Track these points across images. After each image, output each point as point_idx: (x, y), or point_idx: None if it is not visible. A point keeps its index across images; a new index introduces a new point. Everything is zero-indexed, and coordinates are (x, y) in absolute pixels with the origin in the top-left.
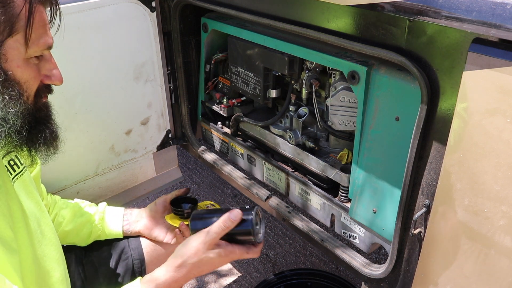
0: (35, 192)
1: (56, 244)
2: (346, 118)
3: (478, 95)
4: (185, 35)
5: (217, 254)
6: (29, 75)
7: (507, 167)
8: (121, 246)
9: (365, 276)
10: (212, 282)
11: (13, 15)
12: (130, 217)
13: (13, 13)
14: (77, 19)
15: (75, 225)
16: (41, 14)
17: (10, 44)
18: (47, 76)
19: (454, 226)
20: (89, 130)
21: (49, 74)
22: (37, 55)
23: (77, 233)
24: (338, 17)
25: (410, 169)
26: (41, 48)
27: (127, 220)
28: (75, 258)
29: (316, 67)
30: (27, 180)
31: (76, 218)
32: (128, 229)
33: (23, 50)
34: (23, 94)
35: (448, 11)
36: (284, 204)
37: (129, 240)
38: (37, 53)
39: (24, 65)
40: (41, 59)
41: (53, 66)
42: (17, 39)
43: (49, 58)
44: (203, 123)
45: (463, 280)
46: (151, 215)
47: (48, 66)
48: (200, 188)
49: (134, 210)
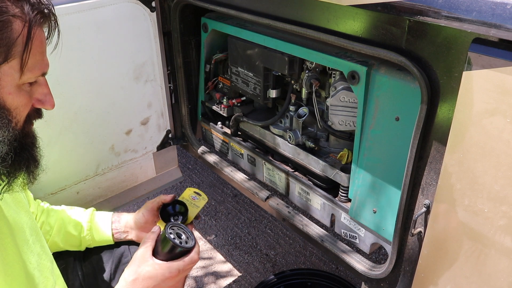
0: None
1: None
2: (346, 118)
3: (478, 95)
4: (185, 35)
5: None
6: (20, 102)
7: (507, 167)
8: (121, 249)
9: (365, 276)
10: (212, 282)
11: (10, 39)
12: (119, 225)
13: (10, 38)
14: (77, 19)
15: (63, 237)
16: (39, 38)
17: (4, 71)
18: (39, 101)
19: (454, 226)
20: (89, 130)
21: (41, 99)
22: (30, 82)
23: (66, 242)
24: (338, 17)
25: (410, 169)
26: (36, 75)
27: (116, 229)
28: (73, 262)
29: (316, 67)
30: None
31: (63, 229)
32: (119, 238)
33: (17, 77)
34: (11, 121)
35: (448, 11)
36: (284, 204)
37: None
38: (31, 80)
39: (15, 92)
40: (33, 84)
41: (46, 91)
42: (12, 65)
43: (43, 82)
44: (203, 123)
45: (463, 280)
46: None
47: (41, 90)
48: (200, 188)
49: (121, 217)
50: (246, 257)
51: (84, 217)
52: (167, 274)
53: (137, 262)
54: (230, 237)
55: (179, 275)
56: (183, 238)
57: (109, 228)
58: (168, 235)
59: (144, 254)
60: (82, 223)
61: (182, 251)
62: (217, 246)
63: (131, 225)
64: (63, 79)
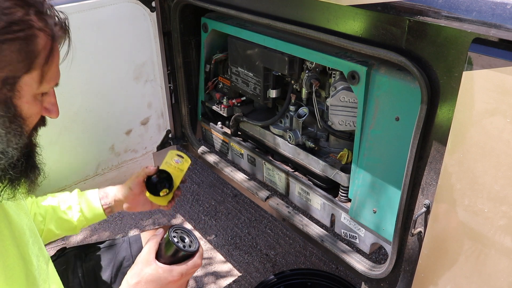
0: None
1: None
2: (346, 118)
3: (478, 95)
4: (185, 35)
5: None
6: (34, 111)
7: (507, 167)
8: (122, 254)
9: (365, 276)
10: (212, 282)
11: (35, 52)
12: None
13: (34, 50)
14: (77, 19)
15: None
16: (58, 52)
17: (25, 81)
18: (47, 109)
19: (454, 226)
20: (89, 130)
21: (49, 108)
22: (45, 92)
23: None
24: (338, 17)
25: (410, 169)
26: (51, 85)
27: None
28: (74, 263)
29: (316, 67)
30: None
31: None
32: (111, 212)
33: (35, 87)
34: (24, 129)
35: (448, 11)
36: (284, 204)
37: (131, 247)
38: (46, 90)
39: (31, 101)
40: (44, 94)
41: (54, 100)
42: (33, 76)
43: (52, 92)
44: (203, 123)
45: (463, 280)
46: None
47: (49, 99)
48: (200, 188)
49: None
50: (246, 257)
51: (72, 200)
52: (170, 277)
53: (140, 265)
54: (230, 237)
55: (181, 279)
56: (186, 242)
57: (99, 205)
58: (172, 238)
59: (147, 257)
60: (72, 205)
61: (185, 255)
62: (217, 246)
63: (120, 198)
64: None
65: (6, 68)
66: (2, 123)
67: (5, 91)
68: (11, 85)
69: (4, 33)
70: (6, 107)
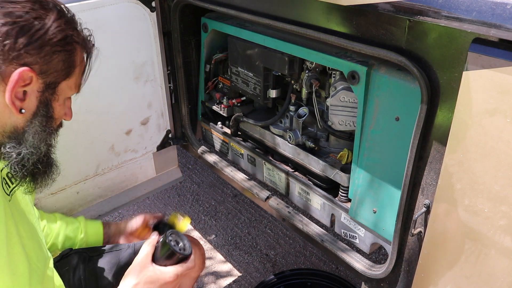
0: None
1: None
2: (346, 118)
3: (478, 95)
4: (185, 35)
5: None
6: (61, 113)
7: (507, 167)
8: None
9: (365, 276)
10: (212, 282)
11: (74, 62)
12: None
13: (74, 61)
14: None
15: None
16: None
17: (63, 86)
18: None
19: (454, 226)
20: (89, 130)
21: (67, 112)
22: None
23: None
24: (338, 17)
25: (410, 169)
26: (76, 91)
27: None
28: (76, 264)
29: (316, 67)
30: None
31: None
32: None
33: (68, 92)
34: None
35: (448, 11)
36: (284, 204)
37: (135, 251)
38: (72, 95)
39: (62, 104)
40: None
41: (70, 105)
42: (68, 83)
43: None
44: (203, 123)
45: (463, 280)
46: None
47: (68, 104)
48: (200, 188)
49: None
50: (246, 257)
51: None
52: (167, 278)
53: (138, 268)
54: (230, 237)
55: (177, 279)
56: (180, 245)
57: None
58: (169, 241)
59: (145, 260)
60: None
61: (181, 257)
62: (217, 246)
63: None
64: None
65: (52, 74)
66: (40, 122)
67: (47, 94)
68: (52, 89)
69: (57, 45)
70: (46, 108)
